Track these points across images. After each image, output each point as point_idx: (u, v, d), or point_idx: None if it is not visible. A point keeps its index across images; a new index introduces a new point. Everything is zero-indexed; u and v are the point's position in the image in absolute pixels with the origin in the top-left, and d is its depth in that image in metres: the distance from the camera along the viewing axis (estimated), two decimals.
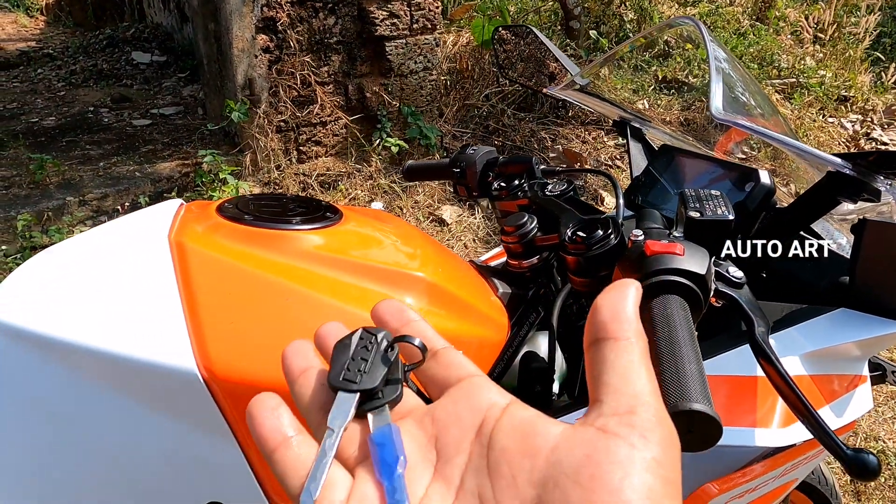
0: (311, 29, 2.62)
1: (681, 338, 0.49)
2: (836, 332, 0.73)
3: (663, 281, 0.55)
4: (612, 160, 3.96)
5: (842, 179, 0.71)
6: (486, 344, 0.72)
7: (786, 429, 0.66)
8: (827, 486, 1.16)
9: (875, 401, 2.08)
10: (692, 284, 0.55)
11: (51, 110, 3.52)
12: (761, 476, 0.72)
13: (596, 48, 4.77)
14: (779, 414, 0.67)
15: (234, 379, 0.57)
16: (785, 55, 5.25)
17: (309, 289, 0.62)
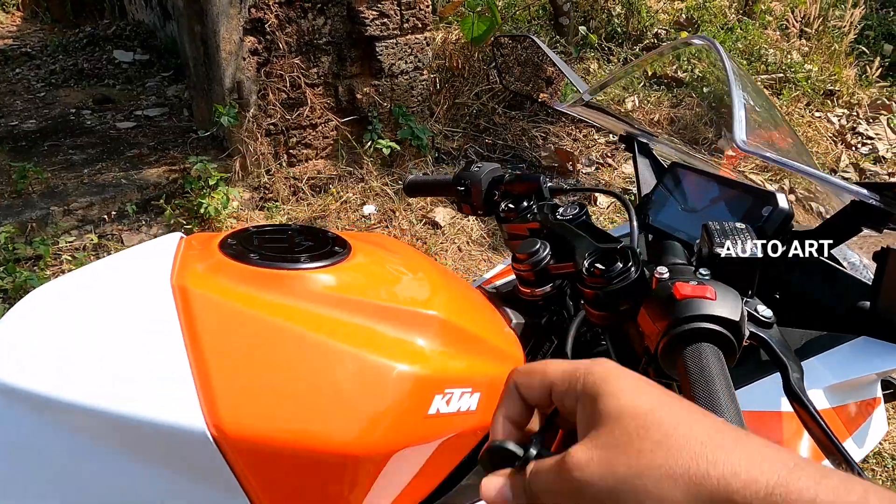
0: (300, 30, 2.56)
1: (719, 391, 0.47)
2: (859, 362, 0.72)
3: (697, 329, 0.53)
4: (603, 157, 3.95)
5: (867, 208, 0.69)
6: (503, 380, 0.70)
7: None
8: None
9: None
10: (727, 332, 0.53)
11: (31, 112, 3.43)
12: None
13: (585, 44, 4.75)
14: (807, 452, 0.65)
15: (245, 437, 0.54)
16: (772, 50, 5.27)
17: (322, 334, 0.59)
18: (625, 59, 4.88)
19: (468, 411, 0.64)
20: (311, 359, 0.58)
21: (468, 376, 0.64)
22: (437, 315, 0.66)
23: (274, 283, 0.63)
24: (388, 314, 0.64)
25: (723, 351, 0.53)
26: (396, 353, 0.60)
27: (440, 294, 0.72)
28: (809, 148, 4.21)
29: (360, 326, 0.62)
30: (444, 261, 2.71)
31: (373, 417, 0.57)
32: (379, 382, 0.58)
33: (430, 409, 0.60)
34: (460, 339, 0.66)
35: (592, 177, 3.72)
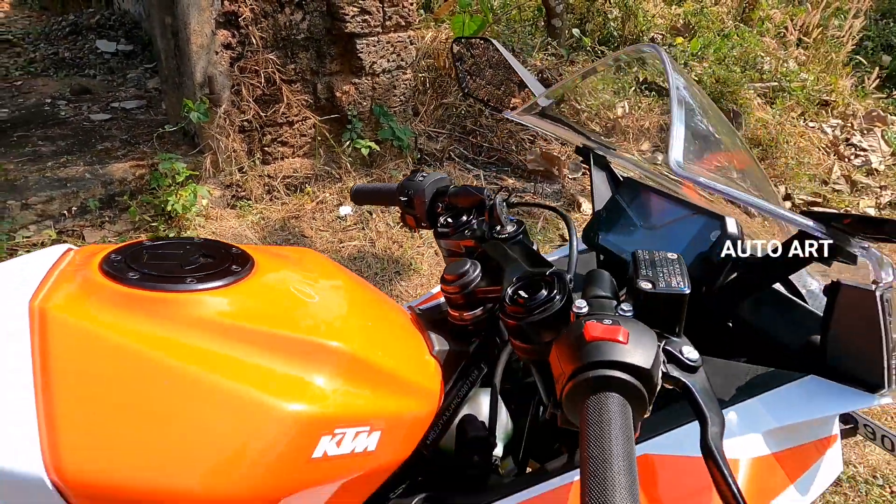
0: (277, 24, 2.49)
1: (612, 445, 0.41)
2: (804, 404, 0.66)
3: (602, 376, 0.47)
4: None
5: (815, 240, 0.63)
6: (413, 419, 0.64)
7: None
8: None
9: None
10: (634, 381, 0.47)
11: (4, 101, 3.34)
12: None
13: (578, 47, 4.68)
14: None
15: (90, 486, 0.47)
16: (768, 58, 5.22)
17: (196, 369, 0.53)
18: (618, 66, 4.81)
19: (365, 452, 0.57)
20: (178, 398, 0.51)
21: (367, 414, 0.58)
22: (340, 346, 0.60)
23: (151, 307, 0.56)
24: (282, 345, 0.57)
25: (633, 401, 0.47)
26: (281, 390, 0.54)
27: (351, 321, 0.65)
28: (801, 159, 4.15)
29: (245, 359, 0.55)
30: (419, 265, 2.64)
31: (243, 466, 0.51)
32: (253, 425, 0.52)
33: (314, 453, 0.53)
34: (364, 373, 0.60)
35: (578, 182, 3.66)
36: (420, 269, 2.63)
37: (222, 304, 0.58)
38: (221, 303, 0.58)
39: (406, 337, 0.71)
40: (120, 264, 0.60)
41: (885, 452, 1.94)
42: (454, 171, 3.35)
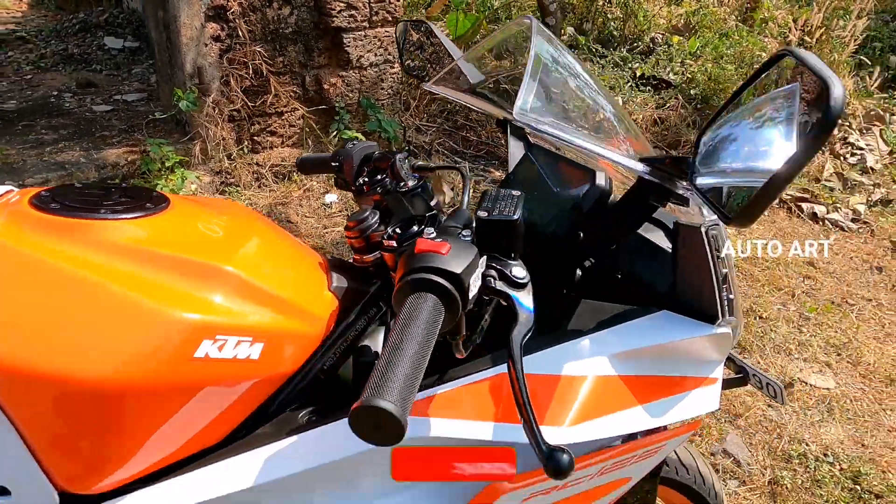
0: (265, 18, 2.61)
1: (410, 337, 0.50)
2: (651, 334, 0.74)
3: (418, 279, 0.55)
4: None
5: (651, 184, 0.71)
6: (298, 338, 0.73)
7: (575, 427, 0.66)
8: (704, 486, 1.16)
9: (805, 403, 2.09)
10: (446, 283, 0.55)
11: (14, 94, 3.50)
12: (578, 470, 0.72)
13: (574, 46, 4.75)
14: (572, 413, 0.67)
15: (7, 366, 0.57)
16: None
17: (100, 279, 0.62)
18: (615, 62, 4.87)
19: (247, 360, 0.67)
20: (82, 302, 0.61)
21: (249, 327, 0.67)
22: (233, 271, 0.69)
23: (65, 230, 0.66)
24: (177, 265, 0.67)
25: (447, 303, 0.55)
26: (171, 300, 0.63)
27: (248, 253, 0.75)
28: None
29: (143, 275, 0.65)
30: None
31: (135, 357, 0.60)
32: (144, 325, 0.61)
33: (197, 352, 0.63)
34: (252, 293, 0.69)
35: None
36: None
37: (129, 231, 0.68)
38: (128, 230, 0.68)
39: (306, 272, 0.80)
40: (47, 199, 0.70)
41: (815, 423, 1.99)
42: (441, 162, 3.44)
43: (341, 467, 0.67)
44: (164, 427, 0.64)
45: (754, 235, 3.26)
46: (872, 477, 1.81)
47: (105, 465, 0.63)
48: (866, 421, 2.05)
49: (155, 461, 0.66)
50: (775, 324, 2.47)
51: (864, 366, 2.30)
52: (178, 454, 0.67)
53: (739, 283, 2.75)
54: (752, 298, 2.62)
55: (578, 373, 0.70)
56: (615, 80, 4.59)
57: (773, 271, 2.86)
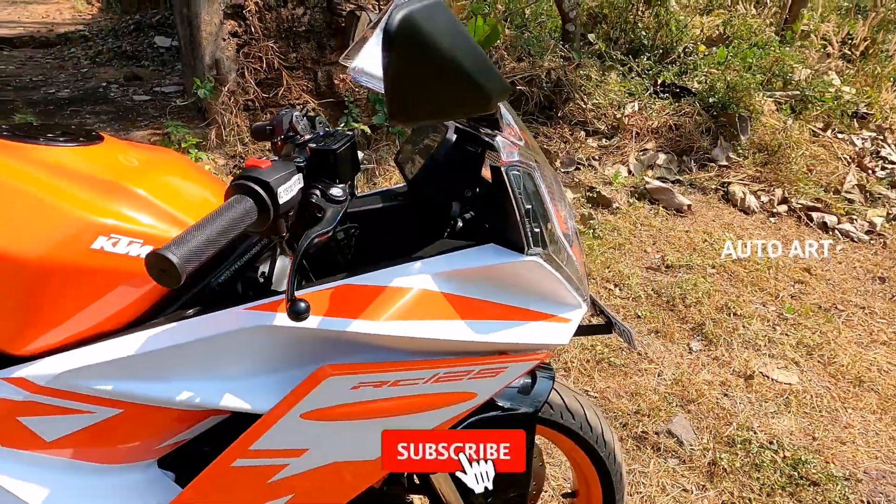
0: (280, 17, 2.86)
1: (215, 220, 0.66)
2: (471, 259, 0.87)
3: (238, 183, 0.72)
4: (589, 159, 4.05)
5: (463, 131, 0.85)
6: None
7: (389, 322, 0.80)
8: (592, 433, 1.24)
9: (763, 396, 2.13)
10: (257, 187, 0.71)
11: (69, 84, 3.91)
12: (398, 372, 0.86)
13: (593, 52, 4.84)
14: (389, 313, 0.81)
15: None
16: (803, 68, 5.17)
17: (27, 186, 0.82)
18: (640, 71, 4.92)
19: (138, 258, 0.85)
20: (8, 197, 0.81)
21: (142, 232, 0.85)
22: (131, 188, 0.87)
23: (8, 150, 0.86)
24: (88, 180, 0.86)
25: (260, 208, 0.72)
26: (76, 203, 0.82)
27: (156, 179, 0.93)
28: (812, 166, 4.11)
29: (59, 184, 0.84)
30: None
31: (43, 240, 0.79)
32: (53, 218, 0.80)
33: (94, 244, 0.81)
34: (148, 207, 0.87)
35: (571, 176, 3.83)
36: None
37: (58, 155, 0.88)
38: (58, 154, 0.88)
39: (210, 201, 0.98)
40: (3, 129, 0.91)
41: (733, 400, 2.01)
42: None
43: (206, 348, 0.83)
44: (76, 305, 0.82)
45: (755, 237, 3.27)
46: (813, 466, 1.85)
47: (27, 330, 0.82)
48: (823, 416, 2.08)
49: (70, 335, 0.85)
50: (749, 321, 2.50)
51: (835, 366, 2.31)
52: (89, 331, 0.85)
53: (723, 282, 2.78)
54: (728, 296, 2.66)
55: (405, 285, 0.85)
56: (635, 87, 4.65)
57: (761, 273, 2.87)
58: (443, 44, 0.60)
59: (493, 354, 0.93)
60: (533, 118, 4.34)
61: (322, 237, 0.74)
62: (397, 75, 0.60)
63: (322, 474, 0.91)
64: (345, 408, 0.86)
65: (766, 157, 4.10)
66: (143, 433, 0.90)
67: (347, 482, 0.94)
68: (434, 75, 0.61)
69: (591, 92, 4.51)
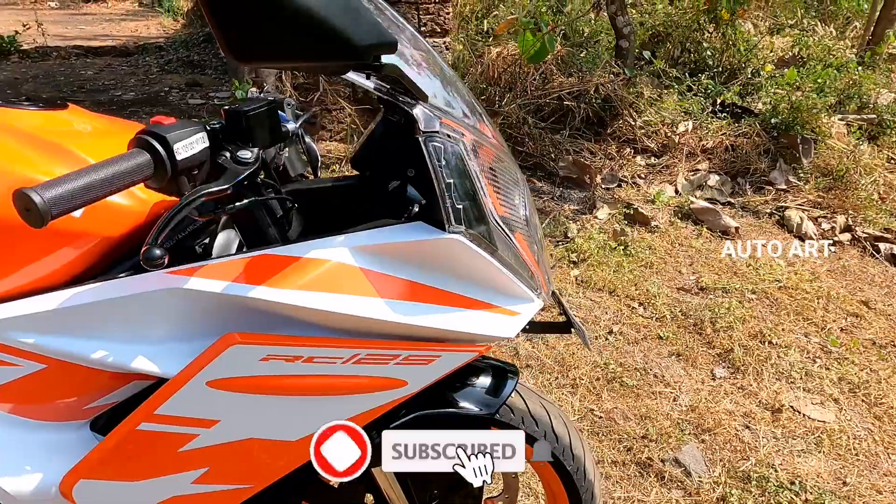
0: None
1: (100, 169, 0.66)
2: (391, 235, 0.83)
3: (138, 136, 0.72)
4: (634, 177, 3.90)
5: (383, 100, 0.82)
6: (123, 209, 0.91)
7: (296, 291, 0.77)
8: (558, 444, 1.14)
9: (790, 432, 1.94)
10: (153, 141, 0.71)
11: (136, 88, 4.19)
12: (311, 347, 0.83)
13: (647, 69, 4.69)
14: (299, 281, 0.78)
15: None
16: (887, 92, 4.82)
17: None
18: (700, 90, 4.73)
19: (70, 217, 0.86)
20: None
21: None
22: (78, 153, 0.90)
23: None
24: (35, 141, 0.89)
25: (157, 163, 0.71)
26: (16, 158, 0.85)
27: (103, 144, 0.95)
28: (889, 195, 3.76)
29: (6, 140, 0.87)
30: None
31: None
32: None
33: None
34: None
35: (611, 192, 3.70)
36: None
37: (19, 116, 0.92)
38: (18, 115, 0.92)
39: None
40: None
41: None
42: None
43: (123, 309, 0.83)
44: (9, 261, 0.85)
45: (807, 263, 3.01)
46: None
47: None
48: (859, 460, 1.86)
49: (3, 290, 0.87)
50: (785, 351, 2.30)
51: (882, 407, 2.07)
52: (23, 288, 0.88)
53: (762, 308, 2.58)
54: (765, 323, 2.45)
55: (321, 257, 0.82)
56: (692, 106, 4.47)
57: (808, 302, 2.64)
58: None
59: (424, 340, 0.88)
60: (579, 133, 4.24)
61: (213, 195, 0.72)
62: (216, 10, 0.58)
63: (237, 450, 0.88)
64: (255, 380, 0.83)
65: (831, 182, 3.81)
66: (68, 391, 0.91)
67: (265, 462, 0.91)
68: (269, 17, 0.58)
69: (642, 109, 4.37)
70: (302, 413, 0.88)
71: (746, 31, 5.21)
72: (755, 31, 5.59)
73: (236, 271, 0.81)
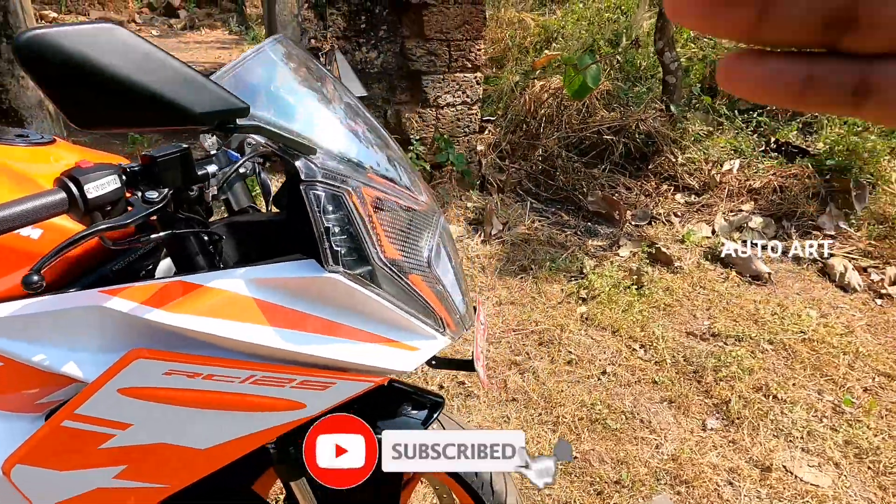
0: (354, 60, 3.13)
1: (24, 197, 0.80)
2: (283, 271, 0.92)
3: (58, 177, 0.85)
4: (669, 214, 3.82)
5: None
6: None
7: (187, 315, 0.88)
8: (476, 480, 1.19)
9: (778, 493, 1.84)
10: (69, 182, 0.84)
11: None
12: (209, 366, 0.93)
13: (693, 106, 4.59)
14: (193, 306, 0.89)
15: None
16: None
17: None
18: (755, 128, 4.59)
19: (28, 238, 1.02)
20: None
21: None
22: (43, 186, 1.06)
23: None
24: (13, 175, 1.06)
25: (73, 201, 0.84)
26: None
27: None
28: None
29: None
30: None
31: None
32: None
33: None
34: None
35: (641, 230, 3.64)
36: None
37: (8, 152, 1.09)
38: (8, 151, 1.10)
39: None
40: None
41: None
42: (511, 201, 3.62)
43: (62, 320, 0.97)
44: None
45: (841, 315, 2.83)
46: None
47: None
48: None
49: None
50: (790, 407, 2.18)
51: (891, 477, 1.93)
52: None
53: (776, 360, 2.46)
54: (775, 376, 2.34)
55: (220, 287, 0.92)
56: (743, 144, 4.34)
57: (831, 357, 2.49)
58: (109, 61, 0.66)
59: (320, 368, 0.96)
60: (618, 169, 4.21)
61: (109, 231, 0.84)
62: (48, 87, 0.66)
63: (151, 452, 0.99)
64: (160, 391, 0.94)
65: (886, 231, 3.57)
66: (20, 385, 1.05)
67: (178, 466, 1.02)
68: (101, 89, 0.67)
69: (686, 146, 4.28)
70: (207, 424, 0.98)
71: None
72: None
73: (149, 294, 0.93)
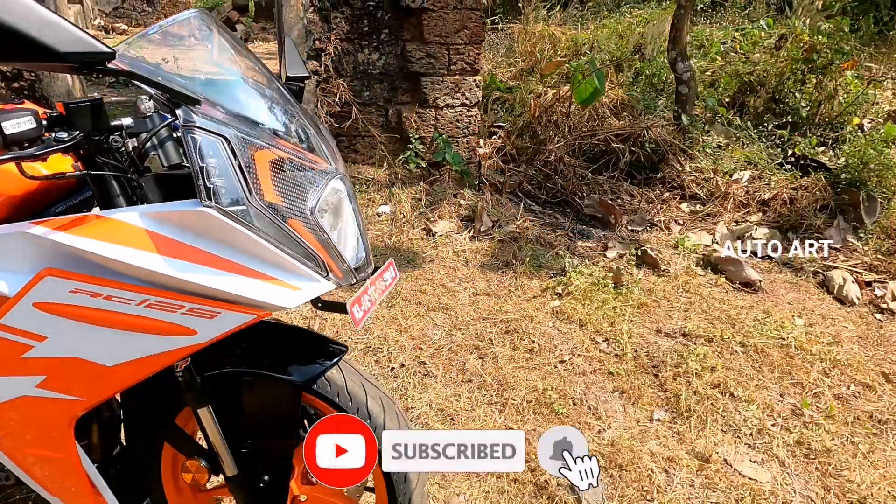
0: (356, 61, 3.31)
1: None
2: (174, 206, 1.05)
3: None
4: (670, 222, 3.80)
5: None
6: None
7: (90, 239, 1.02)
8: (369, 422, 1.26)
9: (714, 485, 1.84)
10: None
11: None
12: (108, 287, 1.06)
13: (709, 118, 4.56)
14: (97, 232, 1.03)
15: None
16: None
17: None
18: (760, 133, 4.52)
19: None
20: None
21: None
22: None
23: None
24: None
25: None
26: None
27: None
28: None
29: None
30: (423, 255, 3.10)
31: None
32: None
33: None
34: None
35: (636, 235, 3.65)
36: (422, 261, 3.08)
37: None
38: None
39: None
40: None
41: None
42: (507, 201, 3.70)
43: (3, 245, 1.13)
44: None
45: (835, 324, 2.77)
46: None
47: None
48: None
49: None
50: (746, 406, 2.16)
51: (839, 480, 1.89)
52: None
53: (742, 362, 2.43)
54: (736, 375, 2.32)
55: (119, 218, 1.05)
56: (757, 156, 4.29)
57: (807, 363, 2.45)
58: None
59: (207, 298, 1.08)
60: (625, 176, 4.23)
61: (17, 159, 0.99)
62: None
63: (66, 365, 1.13)
64: (68, 308, 1.08)
65: (894, 246, 3.46)
66: None
67: (89, 380, 1.15)
68: None
69: (694, 156, 4.26)
70: (111, 342, 1.10)
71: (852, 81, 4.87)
72: (861, 84, 5.19)
73: (65, 223, 1.08)
